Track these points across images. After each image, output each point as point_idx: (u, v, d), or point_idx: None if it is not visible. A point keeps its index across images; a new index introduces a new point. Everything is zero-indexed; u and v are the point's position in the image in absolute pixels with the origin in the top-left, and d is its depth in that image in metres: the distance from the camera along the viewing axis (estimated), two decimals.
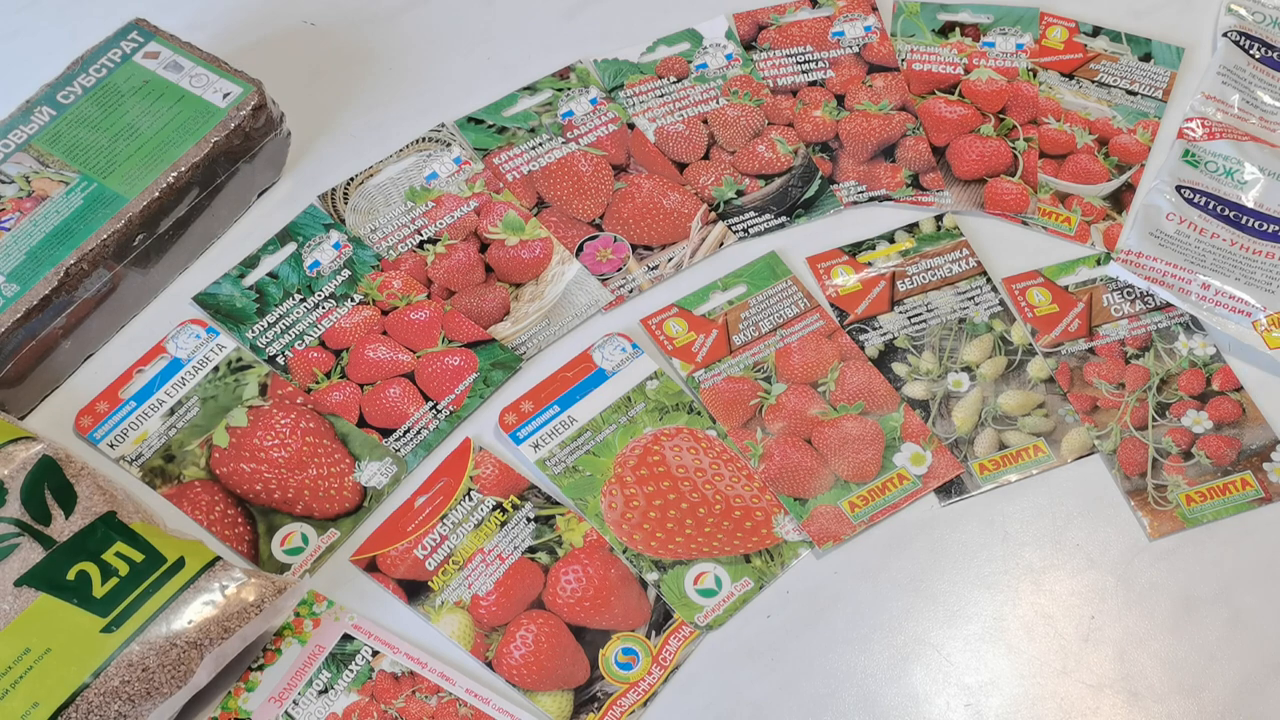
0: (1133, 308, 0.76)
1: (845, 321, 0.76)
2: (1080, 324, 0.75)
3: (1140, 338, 0.75)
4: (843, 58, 0.88)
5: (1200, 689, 0.64)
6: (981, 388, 0.73)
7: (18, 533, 0.62)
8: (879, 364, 0.74)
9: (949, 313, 0.76)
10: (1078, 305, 0.76)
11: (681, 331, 0.76)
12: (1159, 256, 0.77)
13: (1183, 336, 0.75)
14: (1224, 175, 0.81)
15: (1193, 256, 0.77)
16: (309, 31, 0.91)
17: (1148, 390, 0.73)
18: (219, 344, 0.75)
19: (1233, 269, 0.77)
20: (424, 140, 0.84)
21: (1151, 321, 0.76)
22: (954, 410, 0.72)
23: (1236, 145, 0.81)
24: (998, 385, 0.73)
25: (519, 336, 0.76)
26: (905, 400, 0.73)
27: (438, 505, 0.69)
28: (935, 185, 0.82)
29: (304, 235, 0.79)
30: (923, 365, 0.74)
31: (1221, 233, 0.78)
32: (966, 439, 0.72)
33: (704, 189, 0.82)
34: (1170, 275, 0.76)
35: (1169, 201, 0.79)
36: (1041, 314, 0.76)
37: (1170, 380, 0.73)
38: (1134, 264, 0.77)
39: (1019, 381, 0.73)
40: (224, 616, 0.61)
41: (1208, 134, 0.82)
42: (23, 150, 0.75)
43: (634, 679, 0.65)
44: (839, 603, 0.67)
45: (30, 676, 0.58)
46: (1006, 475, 0.70)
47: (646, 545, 0.68)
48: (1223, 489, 0.70)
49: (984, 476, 0.70)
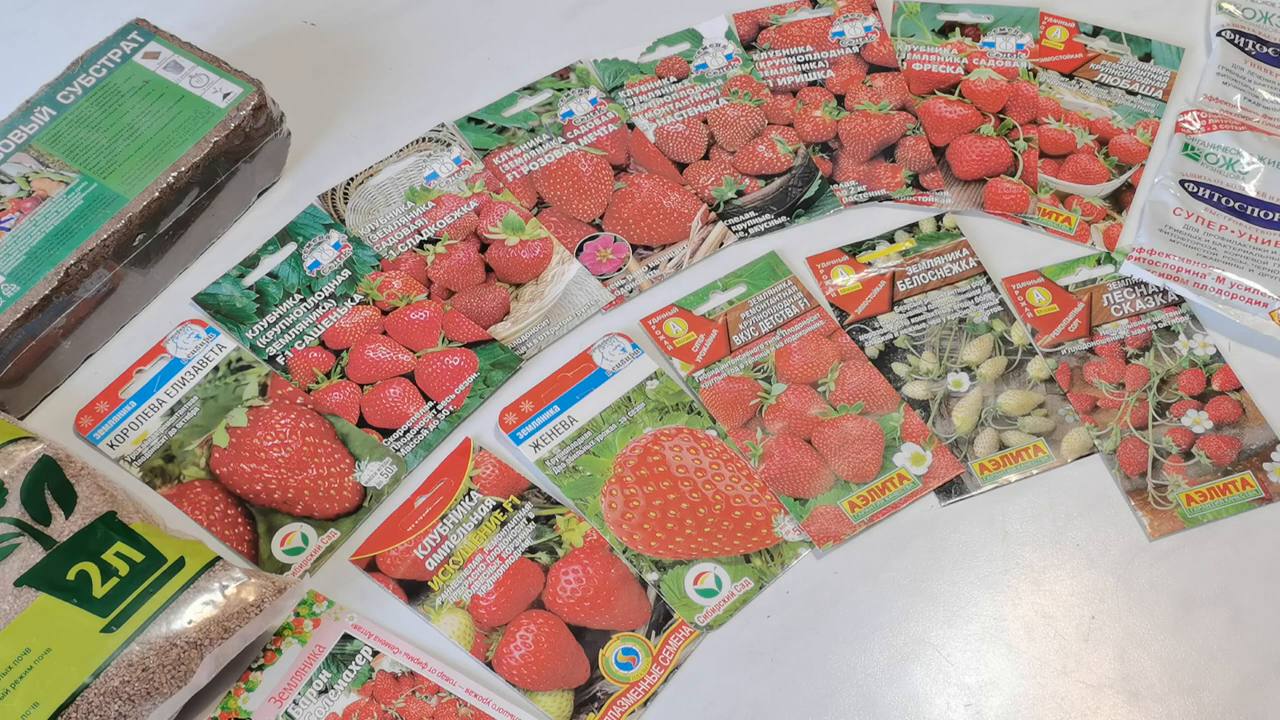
0: (1133, 307, 0.76)
1: (845, 321, 0.76)
2: (1080, 324, 0.75)
3: (1140, 337, 0.75)
4: (843, 58, 0.88)
5: (1200, 689, 0.64)
6: (981, 388, 0.73)
7: (18, 533, 0.62)
8: (879, 364, 0.74)
9: (949, 313, 0.76)
10: (1078, 305, 0.76)
11: (681, 331, 0.76)
12: (1171, 253, 0.77)
13: (1183, 336, 0.75)
14: (1225, 166, 0.81)
15: (1205, 251, 0.77)
16: (309, 31, 0.91)
17: (1148, 390, 0.73)
18: (219, 344, 0.75)
19: (1245, 260, 0.77)
20: (424, 140, 0.84)
21: (1152, 321, 0.75)
22: (954, 410, 0.72)
23: (1234, 135, 0.82)
24: (998, 385, 0.73)
25: (519, 336, 0.76)
26: (905, 400, 0.73)
27: (438, 505, 0.69)
28: (935, 185, 0.82)
29: (304, 235, 0.79)
30: (923, 365, 0.74)
31: (1230, 224, 0.78)
32: (966, 439, 0.72)
33: (704, 189, 0.81)
34: (1184, 271, 0.76)
35: (1174, 196, 0.79)
36: (1041, 314, 0.76)
37: (1170, 380, 0.73)
38: (1147, 262, 0.76)
39: (1019, 381, 0.73)
40: (224, 616, 0.61)
41: (1205, 126, 0.82)
42: (23, 150, 0.75)
43: (634, 679, 0.65)
44: (839, 603, 0.67)
45: (30, 676, 0.58)
46: (1006, 475, 0.70)
47: (646, 545, 0.68)
48: (1223, 489, 0.70)
49: (984, 476, 0.70)
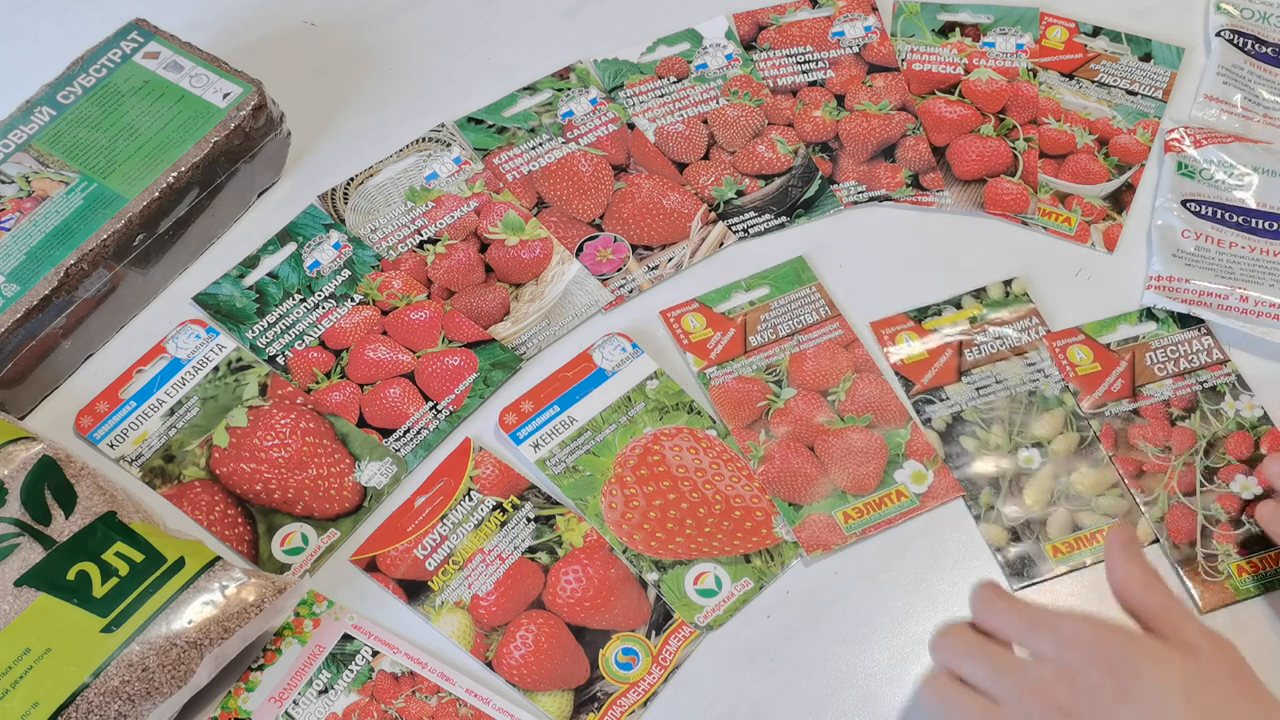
0: (1177, 366, 0.73)
1: (911, 392, 0.73)
2: (1123, 383, 0.72)
3: (1185, 398, 0.72)
4: (843, 58, 0.88)
5: None
6: (1054, 464, 0.70)
7: (18, 533, 0.62)
8: (946, 437, 0.71)
9: (1018, 385, 0.73)
10: (1120, 364, 0.73)
11: (699, 327, 0.75)
12: (1189, 277, 0.75)
13: (1229, 397, 0.72)
14: (1219, 182, 0.80)
15: (1221, 271, 0.76)
16: (309, 31, 0.91)
17: (1194, 454, 0.70)
18: (219, 344, 0.75)
19: (1263, 276, 0.76)
20: (424, 140, 0.84)
21: (1197, 381, 0.73)
22: (1025, 488, 0.69)
23: (1224, 148, 0.81)
24: (1070, 462, 0.70)
25: (519, 336, 0.76)
26: (969, 479, 0.70)
27: (438, 505, 0.69)
28: (935, 185, 0.82)
29: (304, 235, 0.79)
30: (992, 440, 0.71)
31: (1239, 240, 0.77)
32: (1039, 520, 0.68)
33: (704, 189, 0.81)
34: (1206, 294, 0.75)
35: (1180, 218, 0.78)
36: (1084, 373, 0.73)
37: (1217, 443, 0.70)
38: (1167, 289, 0.75)
39: (1093, 460, 0.70)
40: (224, 616, 0.61)
41: (1195, 142, 0.82)
42: (23, 150, 0.75)
43: (634, 679, 0.65)
44: (839, 603, 0.67)
45: (30, 676, 0.58)
46: (1081, 558, 0.67)
47: (646, 545, 0.68)
48: (1276, 559, 0.67)
49: (1057, 559, 0.67)
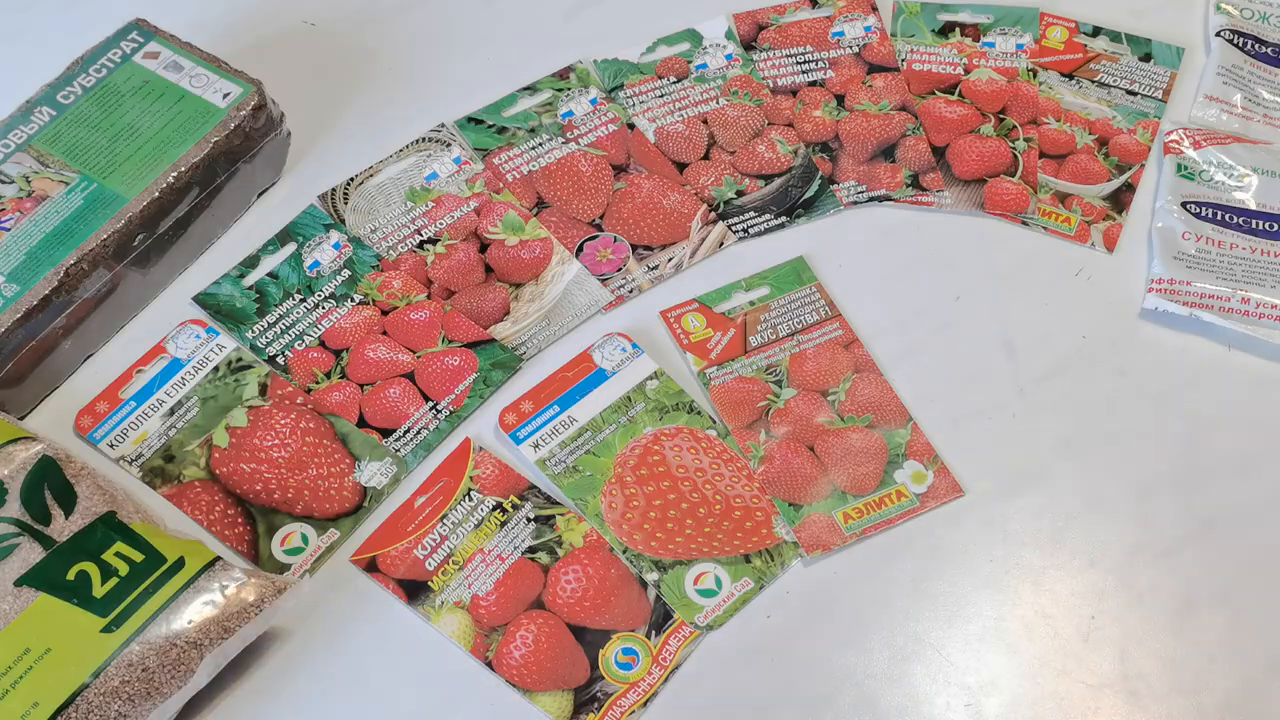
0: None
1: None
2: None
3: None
4: (843, 58, 0.88)
5: (1200, 689, 0.64)
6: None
7: (18, 533, 0.62)
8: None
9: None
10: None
11: (699, 327, 0.75)
12: (1191, 279, 0.75)
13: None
14: (1219, 183, 0.80)
15: (1223, 273, 0.76)
16: (309, 31, 0.91)
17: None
18: (219, 344, 0.75)
19: (1264, 277, 0.76)
20: (424, 140, 0.83)
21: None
22: None
23: (1223, 149, 0.81)
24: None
25: (519, 336, 0.76)
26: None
27: (438, 505, 0.69)
28: (935, 185, 0.82)
29: (304, 235, 0.79)
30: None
31: (1240, 242, 0.77)
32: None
33: (704, 189, 0.81)
34: (1208, 297, 0.75)
35: (1180, 220, 0.78)
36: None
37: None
38: (1169, 292, 0.75)
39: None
40: (224, 616, 0.61)
41: (1194, 143, 0.82)
42: (23, 150, 0.75)
43: (634, 679, 0.65)
44: (839, 603, 0.67)
45: (30, 676, 0.58)
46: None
47: (646, 545, 0.68)
48: None
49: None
